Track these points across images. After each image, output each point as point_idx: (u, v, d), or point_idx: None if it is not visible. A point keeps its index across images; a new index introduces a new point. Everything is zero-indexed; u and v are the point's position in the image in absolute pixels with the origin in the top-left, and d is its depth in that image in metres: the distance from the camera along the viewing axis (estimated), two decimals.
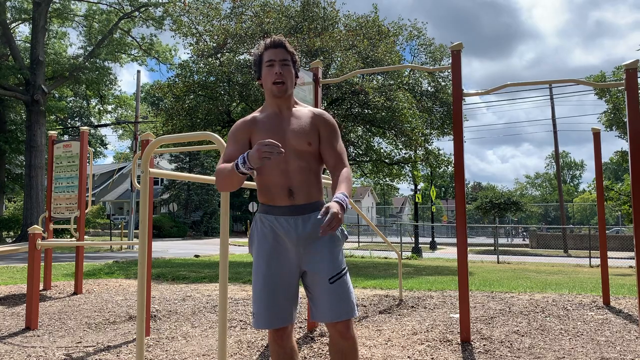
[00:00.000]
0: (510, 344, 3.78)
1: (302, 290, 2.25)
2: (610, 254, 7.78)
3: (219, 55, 14.89)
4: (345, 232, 2.32)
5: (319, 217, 1.95)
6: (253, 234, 2.28)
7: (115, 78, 28.70)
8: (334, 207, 1.92)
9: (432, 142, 15.87)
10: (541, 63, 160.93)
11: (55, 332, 4.46)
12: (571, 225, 40.41)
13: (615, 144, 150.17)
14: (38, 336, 4.28)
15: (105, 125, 36.91)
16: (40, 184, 21.56)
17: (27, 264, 4.91)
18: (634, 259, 6.05)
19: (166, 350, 3.75)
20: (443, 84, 16.30)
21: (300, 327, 4.39)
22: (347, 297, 2.16)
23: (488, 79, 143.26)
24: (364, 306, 5.46)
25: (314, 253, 2.18)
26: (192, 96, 14.61)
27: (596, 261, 14.06)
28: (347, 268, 2.24)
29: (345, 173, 2.21)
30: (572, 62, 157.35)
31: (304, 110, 2.32)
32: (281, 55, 2.24)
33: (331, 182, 2.23)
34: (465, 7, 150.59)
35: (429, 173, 21.57)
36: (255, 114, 2.33)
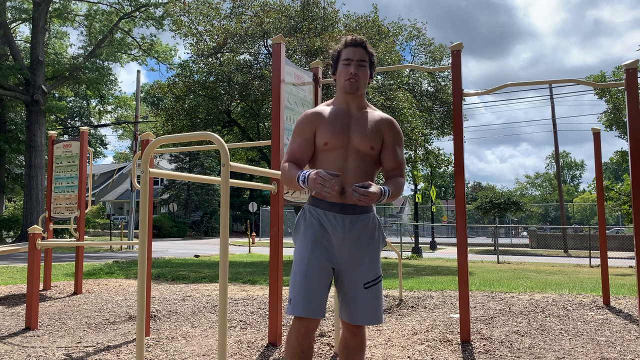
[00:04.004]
0: (510, 344, 3.78)
1: None
2: (610, 254, 7.78)
3: (219, 55, 14.89)
4: (385, 239, 2.35)
5: (357, 185, 2.02)
6: (300, 223, 2.27)
7: (116, 78, 28.74)
8: (375, 187, 2.03)
9: (432, 142, 15.88)
10: (539, 62, 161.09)
11: (55, 332, 4.46)
12: (575, 225, 40.27)
13: (615, 144, 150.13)
14: (38, 336, 4.28)
15: (105, 125, 36.93)
16: (40, 184, 21.55)
17: (27, 264, 4.91)
18: (634, 259, 6.05)
19: (166, 350, 3.75)
20: (443, 84, 16.31)
21: None
22: (378, 305, 2.18)
23: (485, 79, 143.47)
24: None
25: (355, 254, 2.19)
26: (192, 96, 14.62)
27: (596, 261, 14.06)
28: (382, 276, 2.25)
29: (398, 181, 2.26)
30: (570, 61, 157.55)
31: (373, 113, 2.32)
32: (359, 56, 2.24)
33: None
34: (462, 7, 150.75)
35: (429, 173, 21.57)
36: (323, 106, 2.32)
